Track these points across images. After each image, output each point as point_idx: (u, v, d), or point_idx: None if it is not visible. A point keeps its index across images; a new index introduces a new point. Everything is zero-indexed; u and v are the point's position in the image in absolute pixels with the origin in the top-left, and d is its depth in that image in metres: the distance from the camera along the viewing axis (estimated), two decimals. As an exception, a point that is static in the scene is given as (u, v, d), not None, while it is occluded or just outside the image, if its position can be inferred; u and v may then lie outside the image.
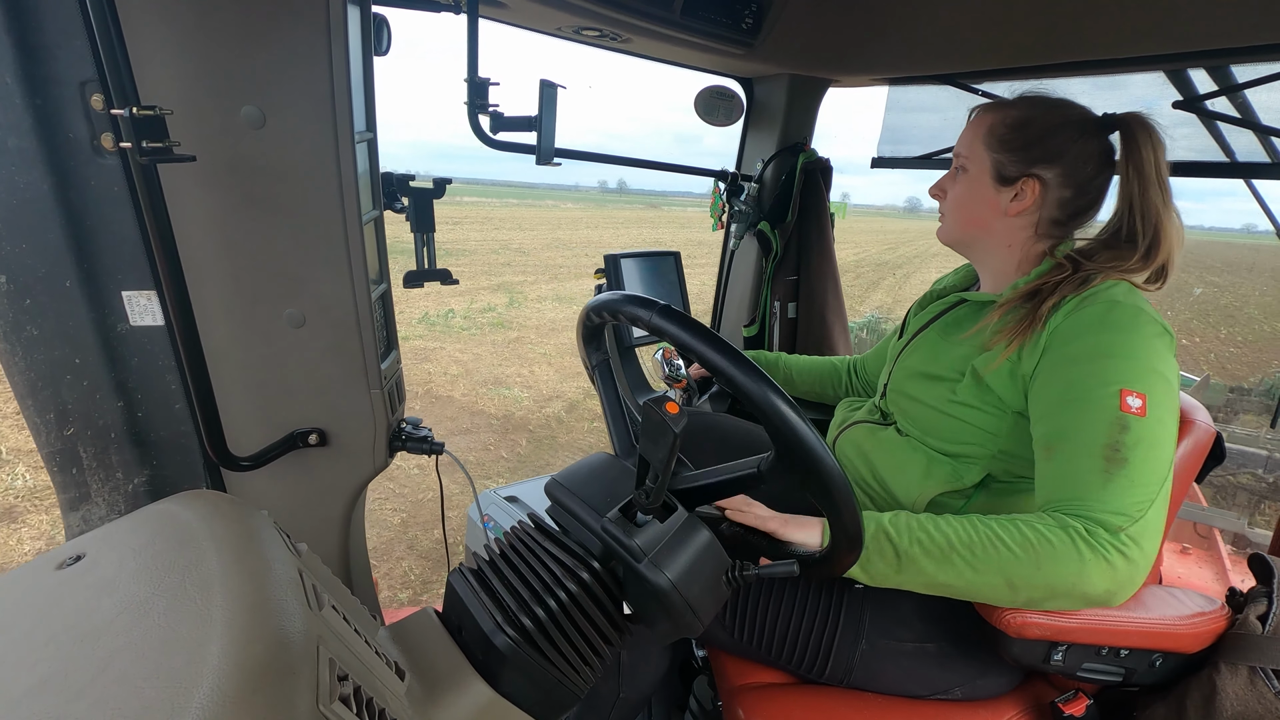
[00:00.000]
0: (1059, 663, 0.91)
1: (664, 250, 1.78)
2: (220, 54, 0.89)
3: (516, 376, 6.79)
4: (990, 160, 1.03)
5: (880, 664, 1.03)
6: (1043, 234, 1.04)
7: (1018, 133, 1.01)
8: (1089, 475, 0.84)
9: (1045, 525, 0.83)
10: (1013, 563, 0.81)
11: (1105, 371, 0.86)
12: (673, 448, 0.65)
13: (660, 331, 0.73)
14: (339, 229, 1.00)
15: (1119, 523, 0.81)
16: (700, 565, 0.70)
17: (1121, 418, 0.83)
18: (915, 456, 1.06)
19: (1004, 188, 1.03)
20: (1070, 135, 0.99)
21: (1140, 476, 0.82)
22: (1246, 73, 1.39)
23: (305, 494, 1.20)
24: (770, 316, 2.10)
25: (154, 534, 0.60)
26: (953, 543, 0.83)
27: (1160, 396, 0.86)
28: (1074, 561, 0.80)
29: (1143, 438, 0.83)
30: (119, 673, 0.45)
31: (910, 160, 1.95)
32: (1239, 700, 0.89)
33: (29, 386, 0.99)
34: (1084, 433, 0.85)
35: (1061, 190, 1.01)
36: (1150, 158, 0.96)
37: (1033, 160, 1.00)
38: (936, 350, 1.09)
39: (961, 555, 0.83)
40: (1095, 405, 0.85)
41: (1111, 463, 0.82)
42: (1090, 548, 0.80)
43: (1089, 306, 0.91)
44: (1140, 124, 0.98)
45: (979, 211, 1.06)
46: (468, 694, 0.66)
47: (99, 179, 0.93)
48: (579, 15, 1.41)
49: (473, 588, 0.73)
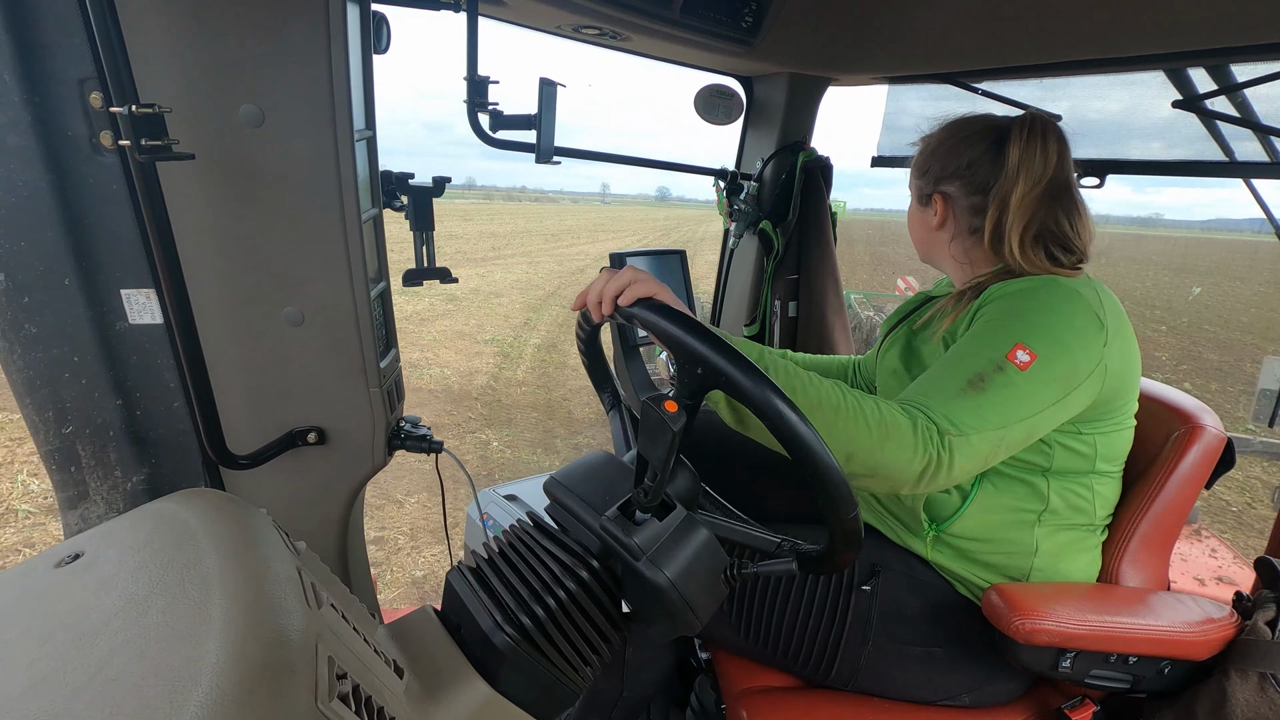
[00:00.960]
0: (1067, 669, 0.91)
1: (669, 249, 1.79)
2: (219, 52, 0.89)
3: (425, 359, 7.23)
4: (914, 186, 1.17)
5: (887, 668, 1.03)
6: (974, 241, 1.09)
7: (925, 158, 1.14)
8: (947, 387, 0.88)
9: (897, 410, 0.84)
10: (864, 435, 0.81)
11: (1011, 327, 0.91)
12: (671, 446, 0.65)
13: (654, 329, 0.73)
14: (338, 227, 1.00)
15: (948, 428, 0.83)
16: (699, 563, 0.70)
17: (1002, 362, 0.87)
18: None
19: (925, 209, 1.16)
20: (961, 149, 1.08)
21: (989, 408, 0.85)
22: (1246, 72, 1.39)
23: (304, 492, 1.20)
24: (771, 315, 2.10)
25: (152, 532, 0.60)
26: (823, 401, 0.82)
27: (1052, 362, 0.88)
28: (909, 447, 0.82)
29: (1010, 383, 0.86)
30: (117, 671, 0.45)
31: (910, 160, 1.94)
32: (1249, 707, 0.89)
33: (27, 385, 0.99)
34: (964, 360, 0.90)
35: (968, 198, 1.08)
36: (1035, 154, 1.01)
37: (936, 179, 1.12)
38: (908, 345, 1.13)
39: (825, 415, 0.81)
40: (986, 347, 0.90)
41: (971, 386, 0.86)
42: (922, 439, 0.82)
43: (1024, 280, 0.97)
44: (1034, 123, 1.03)
45: (919, 232, 1.19)
46: (466, 692, 0.66)
47: (98, 177, 0.93)
48: (578, 14, 1.41)
49: (471, 586, 0.73)
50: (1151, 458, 1.11)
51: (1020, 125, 1.02)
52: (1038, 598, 0.91)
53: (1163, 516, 1.08)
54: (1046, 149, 1.00)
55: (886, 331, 1.23)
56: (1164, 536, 1.09)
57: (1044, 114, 1.06)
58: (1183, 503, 1.09)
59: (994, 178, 1.05)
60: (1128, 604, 0.98)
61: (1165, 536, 1.09)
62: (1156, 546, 1.09)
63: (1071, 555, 1.03)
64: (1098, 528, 1.07)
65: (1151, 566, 1.09)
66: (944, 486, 0.86)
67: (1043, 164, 1.00)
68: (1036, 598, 0.91)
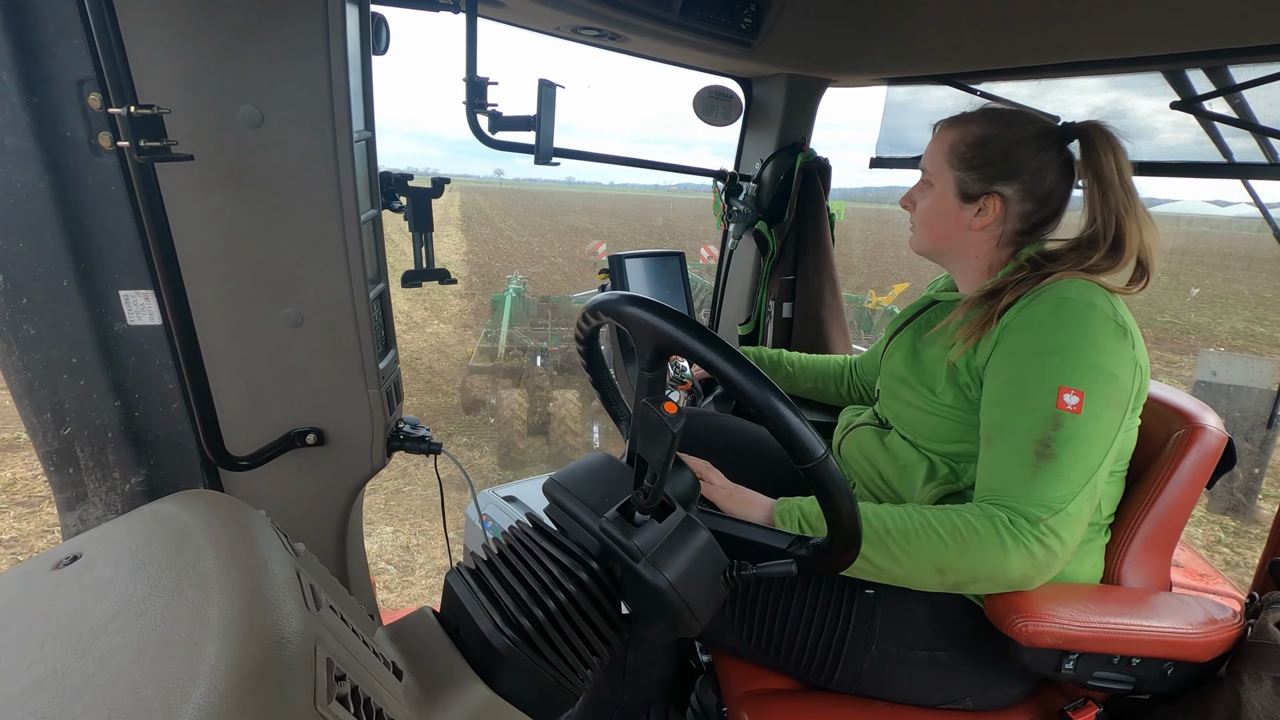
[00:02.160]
0: (1070, 671, 0.91)
1: (668, 251, 1.79)
2: (218, 53, 0.89)
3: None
4: (953, 178, 1.06)
5: (891, 671, 1.02)
6: (1006, 244, 1.07)
7: (978, 151, 1.03)
8: (1018, 468, 0.88)
9: (973, 515, 0.88)
10: (942, 549, 0.86)
11: (1045, 369, 0.89)
12: (671, 447, 0.65)
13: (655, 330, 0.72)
14: (337, 228, 1.00)
15: (1040, 514, 0.86)
16: (698, 565, 0.70)
17: (1056, 415, 0.87)
18: (917, 459, 1.06)
19: (967, 204, 1.05)
20: (1029, 151, 1.02)
21: (1067, 472, 0.86)
22: (1244, 73, 1.39)
23: (303, 494, 1.19)
24: (765, 316, 2.10)
25: (151, 534, 0.60)
26: (889, 529, 0.88)
27: (1099, 392, 0.88)
28: (997, 549, 0.85)
29: (1075, 434, 0.87)
30: (115, 673, 0.45)
31: (910, 160, 1.95)
32: (1264, 712, 0.89)
33: (25, 386, 0.98)
34: (1019, 427, 0.89)
35: (1023, 204, 1.03)
36: (1110, 163, 0.99)
37: (993, 178, 1.03)
38: (913, 351, 1.12)
39: (896, 540, 0.87)
40: (1033, 401, 0.89)
41: (1041, 458, 0.87)
42: (1013, 536, 0.85)
43: (1039, 303, 0.94)
44: (1099, 131, 1.01)
45: (945, 226, 1.09)
46: (465, 694, 0.66)
47: (96, 178, 0.93)
48: (578, 14, 1.41)
49: (471, 588, 0.73)
50: (1152, 458, 1.11)
51: (1099, 132, 1.00)
52: (1040, 599, 0.91)
53: (1164, 517, 1.07)
54: (1116, 160, 0.99)
55: (891, 334, 1.22)
56: (1166, 537, 1.09)
57: (1102, 125, 1.02)
58: (1184, 503, 1.09)
59: (1057, 189, 1.03)
60: (1130, 605, 0.98)
61: (1167, 537, 1.09)
62: (1158, 547, 1.08)
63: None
64: (1102, 528, 1.07)
65: (1154, 567, 1.08)
66: (1068, 561, 0.89)
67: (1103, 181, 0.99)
68: (1039, 599, 0.91)
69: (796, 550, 0.71)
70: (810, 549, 0.71)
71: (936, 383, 1.04)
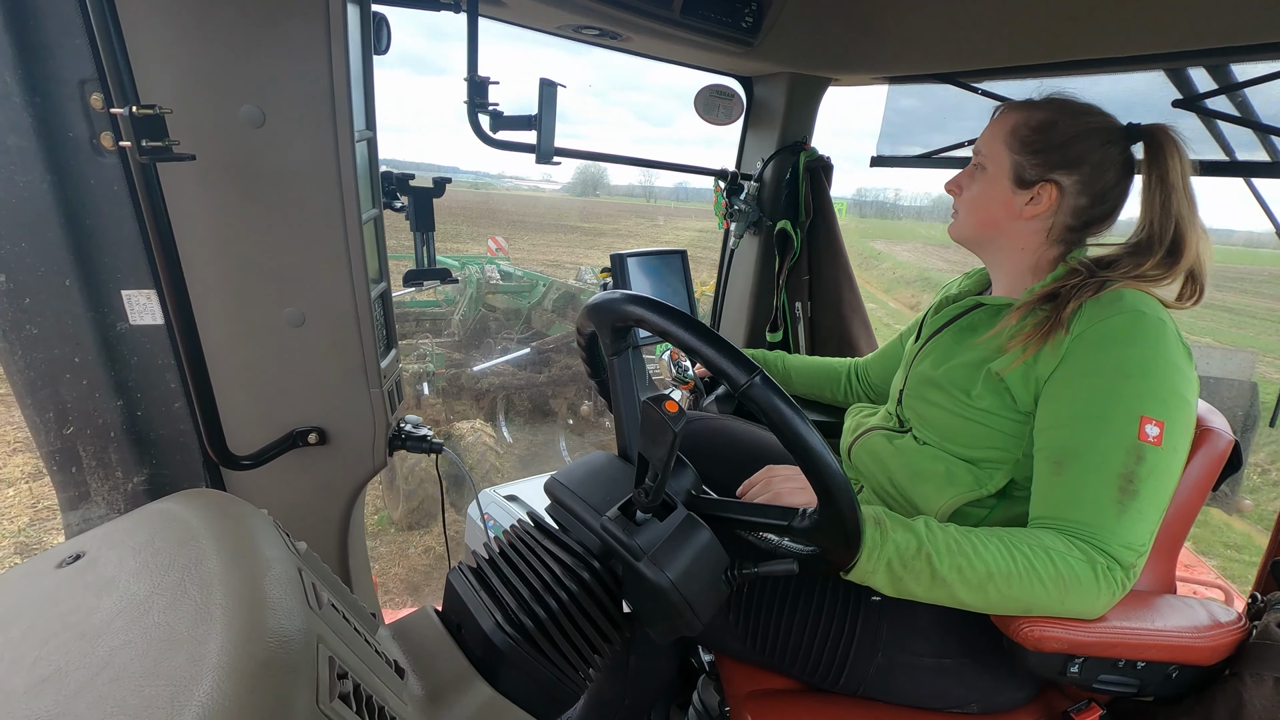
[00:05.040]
0: (1075, 675, 0.90)
1: (671, 249, 1.78)
2: (220, 53, 0.89)
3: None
4: (1010, 161, 1.02)
5: (896, 677, 1.01)
6: (1055, 239, 1.03)
7: (1040, 135, 1.00)
8: (1103, 503, 0.84)
9: (1075, 560, 0.83)
10: (1042, 594, 0.83)
11: (1127, 393, 0.86)
12: (672, 446, 0.65)
13: (654, 327, 0.73)
14: (338, 228, 1.00)
15: (1130, 559, 0.84)
16: (699, 564, 0.70)
17: (1139, 446, 0.84)
18: (935, 464, 1.03)
19: (1021, 190, 1.02)
20: (1093, 143, 0.98)
21: (1149, 509, 0.84)
22: (1246, 71, 1.38)
23: (305, 493, 1.20)
24: (793, 320, 2.06)
25: (154, 533, 0.60)
26: (992, 573, 0.82)
27: (1177, 422, 0.86)
28: (1093, 593, 0.83)
29: (1156, 468, 0.84)
30: (119, 671, 0.45)
31: (909, 160, 1.94)
32: (1266, 712, 0.88)
33: (28, 385, 0.99)
34: (1099, 456, 0.85)
35: (1078, 198, 1.00)
36: (1176, 166, 0.96)
37: (1052, 165, 0.99)
38: (952, 354, 1.07)
39: (998, 585, 0.82)
40: (1113, 428, 0.85)
41: (1125, 494, 0.83)
42: (1108, 582, 0.84)
43: (1116, 316, 0.89)
44: (1167, 136, 0.98)
45: (993, 212, 1.05)
46: (467, 692, 0.66)
47: (98, 178, 0.93)
48: (578, 14, 1.41)
49: (472, 586, 0.73)
50: (1158, 459, 1.11)
51: (1167, 136, 0.97)
52: None
53: (1170, 519, 1.06)
54: (1182, 165, 0.97)
55: (929, 336, 1.16)
56: (1171, 540, 1.08)
57: (1169, 128, 0.99)
58: (1190, 506, 1.08)
59: (1114, 188, 1.00)
60: (1136, 608, 0.97)
61: (1172, 540, 1.08)
62: (1164, 550, 1.08)
63: None
64: None
65: (1158, 570, 1.08)
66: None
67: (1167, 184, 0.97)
68: None
69: (798, 523, 0.71)
70: (809, 519, 0.70)
71: (972, 385, 1.00)
